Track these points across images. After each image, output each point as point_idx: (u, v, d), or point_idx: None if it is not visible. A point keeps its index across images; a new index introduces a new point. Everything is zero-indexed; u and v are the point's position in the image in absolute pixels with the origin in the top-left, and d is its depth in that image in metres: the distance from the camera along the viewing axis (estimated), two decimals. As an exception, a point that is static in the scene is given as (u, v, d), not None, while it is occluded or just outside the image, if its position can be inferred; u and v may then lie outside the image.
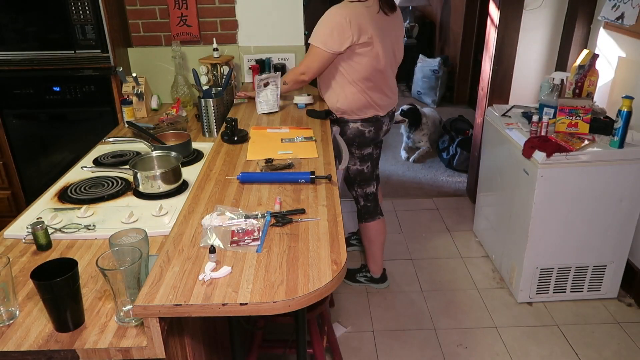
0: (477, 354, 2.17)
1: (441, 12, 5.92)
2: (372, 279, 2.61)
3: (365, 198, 2.42)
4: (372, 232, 2.49)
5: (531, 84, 3.06)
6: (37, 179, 2.79)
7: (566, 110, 2.25)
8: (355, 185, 2.40)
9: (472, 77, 5.27)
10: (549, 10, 2.88)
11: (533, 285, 2.42)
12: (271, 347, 1.96)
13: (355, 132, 2.25)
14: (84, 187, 1.70)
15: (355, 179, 2.38)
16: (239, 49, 2.78)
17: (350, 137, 2.26)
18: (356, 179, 2.38)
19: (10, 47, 2.50)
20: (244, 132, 2.02)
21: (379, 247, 2.54)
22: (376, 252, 2.55)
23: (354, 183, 2.40)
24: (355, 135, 2.26)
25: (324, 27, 2.07)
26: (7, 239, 1.42)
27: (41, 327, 1.10)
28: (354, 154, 2.32)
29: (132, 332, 1.09)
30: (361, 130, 2.25)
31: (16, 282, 1.23)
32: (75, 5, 2.41)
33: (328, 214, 1.41)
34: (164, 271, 1.17)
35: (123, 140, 2.06)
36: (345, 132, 2.26)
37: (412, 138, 4.22)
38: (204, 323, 1.45)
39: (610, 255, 2.37)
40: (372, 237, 2.50)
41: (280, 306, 1.08)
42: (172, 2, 2.64)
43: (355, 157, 2.33)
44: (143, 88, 2.48)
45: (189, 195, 1.56)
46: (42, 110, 2.65)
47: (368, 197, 2.42)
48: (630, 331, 2.28)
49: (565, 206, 2.25)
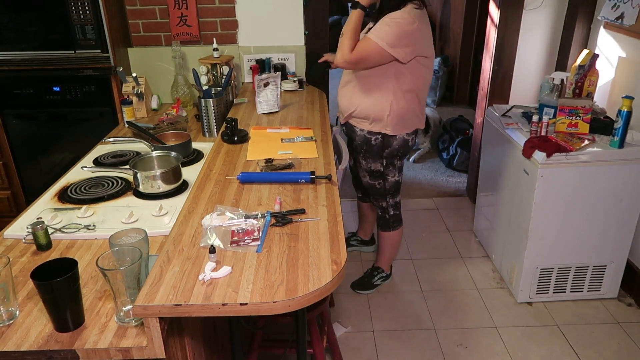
0: (477, 354, 2.17)
1: (441, 12, 5.92)
2: (386, 277, 2.61)
3: (395, 207, 2.39)
4: (396, 238, 2.48)
5: (531, 84, 3.06)
6: (37, 179, 2.79)
7: (566, 110, 2.25)
8: (389, 196, 2.35)
9: (472, 77, 5.26)
10: (549, 10, 2.88)
11: (533, 285, 2.42)
12: (271, 347, 1.96)
13: (402, 143, 2.19)
14: (84, 187, 1.70)
15: (391, 190, 2.34)
16: (239, 49, 2.78)
17: (395, 148, 2.20)
18: (391, 190, 2.33)
19: (10, 47, 2.50)
20: (244, 132, 2.02)
21: (397, 250, 2.59)
22: (393, 254, 2.58)
23: (386, 194, 2.34)
24: (401, 146, 2.20)
25: (397, 29, 1.95)
26: (7, 239, 1.42)
27: (41, 327, 1.10)
28: (395, 166, 2.26)
29: (132, 332, 1.09)
30: (406, 140, 2.20)
31: (16, 282, 1.23)
32: (75, 5, 2.41)
33: (328, 214, 1.41)
34: (164, 271, 1.17)
35: (123, 140, 2.06)
36: (390, 143, 2.18)
37: (417, 140, 4.21)
38: (204, 323, 1.45)
39: (610, 255, 2.37)
40: (396, 242, 2.51)
41: (280, 306, 1.08)
42: (172, 2, 2.64)
43: (395, 169, 2.28)
44: (143, 88, 2.48)
45: (189, 195, 1.56)
46: (42, 110, 2.65)
47: (397, 205, 2.40)
48: (630, 331, 2.28)
49: (565, 206, 2.25)
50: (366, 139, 2.20)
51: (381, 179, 2.29)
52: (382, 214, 2.42)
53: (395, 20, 1.96)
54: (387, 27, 1.96)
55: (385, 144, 2.19)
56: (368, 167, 2.27)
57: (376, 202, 2.40)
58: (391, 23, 1.96)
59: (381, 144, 2.18)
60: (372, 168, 2.27)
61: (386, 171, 2.27)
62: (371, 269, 2.63)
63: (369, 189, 2.37)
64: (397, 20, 1.96)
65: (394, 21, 1.96)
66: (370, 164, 2.25)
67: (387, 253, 2.55)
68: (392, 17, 1.97)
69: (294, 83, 2.63)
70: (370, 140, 2.19)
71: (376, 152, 2.21)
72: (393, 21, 1.96)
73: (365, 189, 2.43)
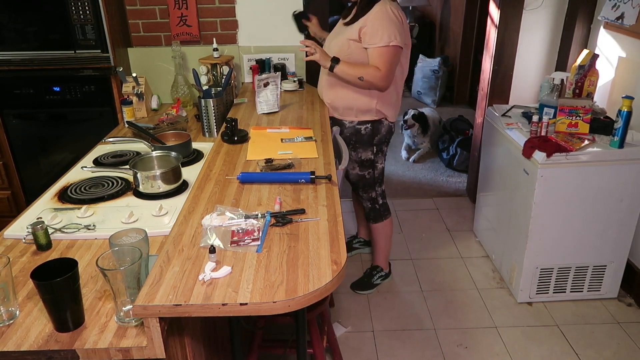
0: (477, 354, 2.17)
1: (441, 12, 5.92)
2: (385, 275, 2.62)
3: (383, 195, 2.45)
4: (389, 227, 2.52)
5: (531, 84, 3.06)
6: (37, 179, 2.79)
7: (566, 110, 2.25)
8: (377, 185, 2.40)
9: (472, 77, 5.26)
10: (549, 10, 2.88)
11: (533, 285, 2.42)
12: (271, 347, 1.96)
13: (387, 129, 2.29)
14: (84, 187, 1.70)
15: (379, 178, 2.39)
16: (239, 49, 2.78)
17: (384, 135, 2.28)
18: (379, 178, 2.39)
19: (10, 47, 2.50)
20: (244, 132, 2.02)
21: (390, 241, 2.59)
22: (388, 247, 2.59)
23: (375, 183, 2.39)
24: (387, 132, 2.30)
25: (390, 23, 2.00)
26: (7, 239, 1.42)
27: (41, 327, 1.10)
28: (383, 152, 2.34)
29: (132, 332, 1.09)
30: (390, 126, 2.30)
31: (16, 282, 1.23)
32: (75, 5, 2.41)
33: (328, 214, 1.41)
34: (164, 271, 1.17)
35: (123, 140, 2.06)
36: (380, 130, 2.26)
37: (416, 141, 4.22)
38: (204, 323, 1.45)
39: (610, 255, 2.37)
40: (389, 232, 2.54)
41: (280, 306, 1.08)
42: (172, 2, 2.64)
43: (383, 155, 2.35)
44: (143, 88, 2.48)
45: (189, 195, 1.56)
46: (42, 110, 2.65)
47: (384, 193, 2.46)
48: (630, 331, 2.28)
49: (565, 206, 2.25)
50: (356, 129, 2.25)
51: (371, 168, 2.34)
52: (371, 205, 2.45)
53: (379, 16, 2.00)
54: (380, 27, 2.00)
55: (374, 131, 2.25)
56: (359, 158, 2.31)
57: (365, 195, 2.43)
58: (381, 20, 2.00)
59: (371, 132, 2.25)
60: (362, 157, 2.30)
61: (376, 158, 2.32)
62: (370, 268, 2.63)
63: (358, 181, 2.39)
64: (381, 15, 2.00)
65: (380, 17, 2.00)
66: (361, 153, 2.30)
67: (383, 247, 2.56)
68: (376, 15, 2.01)
69: (294, 83, 2.63)
70: (360, 130, 2.25)
71: (366, 140, 2.27)
72: (379, 18, 2.00)
73: (353, 182, 2.44)
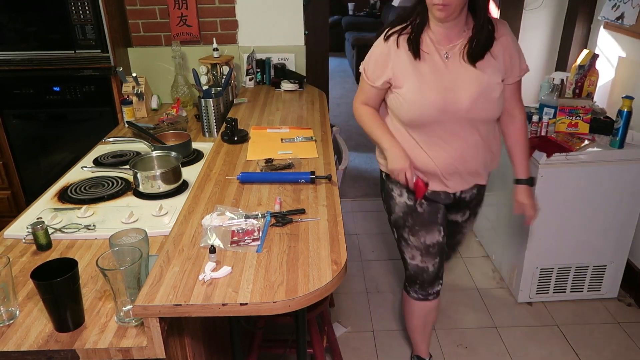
0: (477, 354, 2.17)
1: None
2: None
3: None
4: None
5: (531, 84, 3.06)
6: (37, 179, 2.79)
7: (566, 110, 2.25)
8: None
9: (472, 77, 5.25)
10: (549, 10, 2.88)
11: (533, 285, 2.42)
12: (271, 347, 1.96)
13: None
14: (84, 187, 1.70)
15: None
16: (239, 49, 2.78)
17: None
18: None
19: (10, 47, 2.50)
20: (244, 132, 2.02)
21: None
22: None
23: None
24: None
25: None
26: (7, 239, 1.42)
27: (41, 327, 1.10)
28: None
29: (132, 332, 1.09)
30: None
31: (16, 282, 1.23)
32: (75, 5, 2.41)
33: (328, 214, 1.41)
34: (164, 271, 1.17)
35: (123, 140, 2.06)
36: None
37: None
38: (204, 323, 1.45)
39: (610, 255, 2.37)
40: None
41: (280, 306, 1.08)
42: (172, 2, 2.64)
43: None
44: (143, 88, 2.48)
45: (189, 195, 1.56)
46: (42, 110, 2.65)
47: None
48: (630, 331, 2.28)
49: (565, 206, 2.25)
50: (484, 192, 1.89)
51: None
52: (454, 254, 2.05)
53: (511, 36, 1.67)
54: (519, 50, 1.69)
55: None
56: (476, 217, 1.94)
57: (458, 247, 2.02)
58: (515, 42, 1.67)
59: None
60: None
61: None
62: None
63: (464, 236, 1.97)
64: (510, 35, 1.67)
65: (513, 38, 1.66)
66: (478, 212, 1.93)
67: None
68: (510, 36, 1.68)
69: (294, 83, 2.63)
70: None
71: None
72: (513, 39, 1.67)
73: (454, 245, 1.98)
